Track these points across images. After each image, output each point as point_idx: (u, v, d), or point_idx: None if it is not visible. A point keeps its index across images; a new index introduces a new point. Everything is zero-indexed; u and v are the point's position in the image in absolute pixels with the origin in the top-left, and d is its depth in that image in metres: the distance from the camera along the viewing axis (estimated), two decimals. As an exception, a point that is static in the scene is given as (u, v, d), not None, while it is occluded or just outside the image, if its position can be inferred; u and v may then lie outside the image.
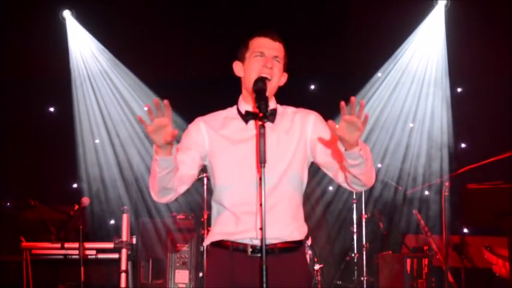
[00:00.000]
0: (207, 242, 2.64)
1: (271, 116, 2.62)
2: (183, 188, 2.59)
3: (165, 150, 2.36)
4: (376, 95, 7.35)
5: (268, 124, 2.58)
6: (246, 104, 2.67)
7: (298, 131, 2.63)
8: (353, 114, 2.27)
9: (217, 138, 2.62)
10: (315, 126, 2.64)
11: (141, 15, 7.06)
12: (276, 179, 2.53)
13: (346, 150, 2.36)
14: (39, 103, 7.56)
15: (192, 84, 7.42)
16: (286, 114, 2.68)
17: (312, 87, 7.65)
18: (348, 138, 2.31)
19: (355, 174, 2.45)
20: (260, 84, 2.43)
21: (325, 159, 2.60)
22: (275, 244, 2.51)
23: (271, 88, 2.60)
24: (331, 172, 2.64)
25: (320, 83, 7.60)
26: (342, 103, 2.28)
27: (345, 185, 2.61)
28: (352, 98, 2.26)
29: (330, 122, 2.30)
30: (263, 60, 2.59)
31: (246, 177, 2.52)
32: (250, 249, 2.50)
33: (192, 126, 2.69)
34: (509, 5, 6.31)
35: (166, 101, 2.31)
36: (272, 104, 2.67)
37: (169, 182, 2.47)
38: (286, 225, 2.54)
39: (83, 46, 7.41)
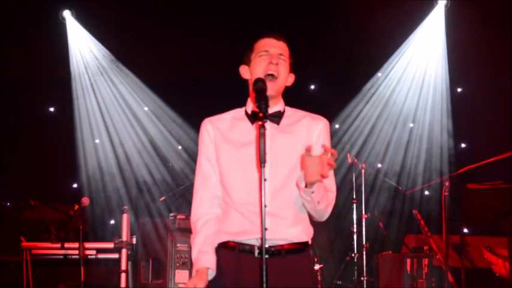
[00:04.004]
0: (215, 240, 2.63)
1: (276, 117, 2.62)
2: (218, 209, 2.65)
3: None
4: (376, 95, 7.35)
5: (274, 126, 2.59)
6: (254, 104, 2.66)
7: (304, 134, 2.62)
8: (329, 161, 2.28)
9: (223, 140, 2.62)
10: (320, 133, 2.64)
11: (141, 15, 7.06)
12: (282, 180, 2.53)
13: (300, 183, 2.39)
14: (39, 103, 7.57)
15: (192, 84, 7.42)
16: (295, 116, 2.68)
17: (312, 87, 7.65)
18: (307, 173, 2.33)
19: (306, 207, 2.52)
20: (260, 84, 2.43)
21: None
22: (282, 245, 2.51)
23: (277, 86, 2.60)
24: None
25: (320, 83, 7.60)
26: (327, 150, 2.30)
27: None
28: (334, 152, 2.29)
29: (309, 146, 2.32)
30: (268, 57, 2.60)
31: (251, 178, 2.52)
32: (257, 250, 2.50)
33: (202, 130, 2.69)
34: (509, 5, 6.31)
35: None
36: (279, 106, 2.66)
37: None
38: (293, 226, 2.54)
39: (83, 46, 7.42)
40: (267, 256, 2.24)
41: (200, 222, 2.61)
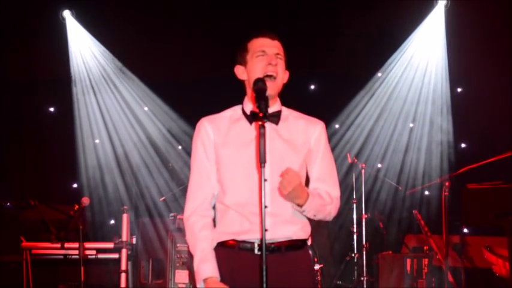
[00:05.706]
0: (213, 243, 2.63)
1: (275, 117, 2.62)
2: (212, 212, 2.67)
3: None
4: (376, 95, 7.35)
5: (272, 125, 2.60)
6: (252, 105, 2.66)
7: (302, 136, 2.64)
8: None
9: (222, 140, 2.62)
10: (320, 136, 2.67)
11: (141, 15, 7.06)
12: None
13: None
14: (39, 103, 7.57)
15: (192, 84, 7.42)
16: (292, 117, 2.69)
17: (312, 87, 7.65)
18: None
19: None
20: (260, 84, 2.43)
21: (313, 176, 2.68)
22: (281, 242, 2.53)
23: (277, 86, 2.62)
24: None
25: (320, 83, 7.60)
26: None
27: None
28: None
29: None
30: (266, 58, 2.60)
31: (251, 178, 2.53)
32: (257, 247, 2.51)
33: (201, 129, 2.66)
34: (509, 5, 6.32)
35: None
36: (277, 106, 2.67)
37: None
38: (292, 224, 2.56)
39: (82, 46, 7.42)
40: (267, 253, 2.25)
41: (198, 224, 2.60)
